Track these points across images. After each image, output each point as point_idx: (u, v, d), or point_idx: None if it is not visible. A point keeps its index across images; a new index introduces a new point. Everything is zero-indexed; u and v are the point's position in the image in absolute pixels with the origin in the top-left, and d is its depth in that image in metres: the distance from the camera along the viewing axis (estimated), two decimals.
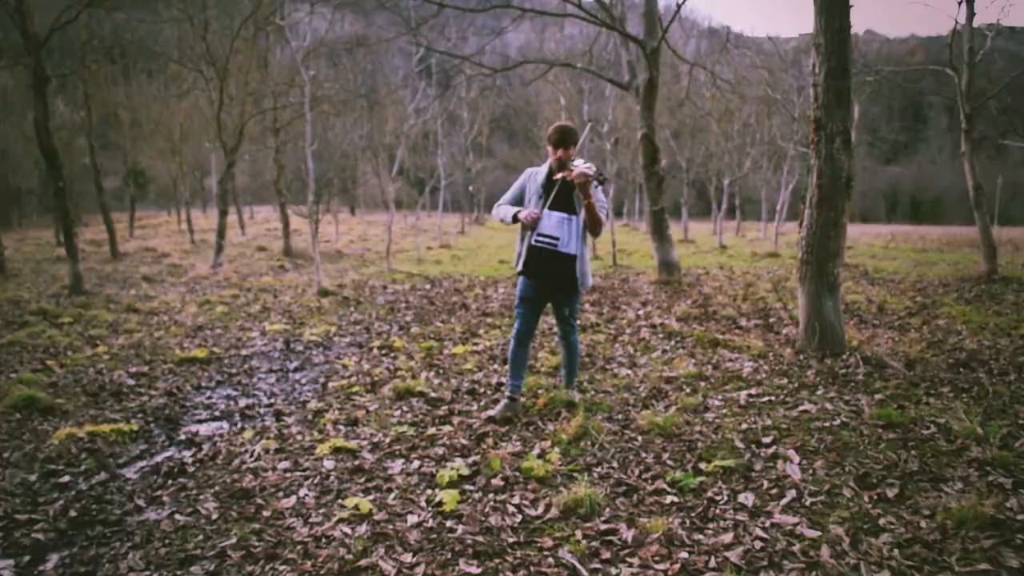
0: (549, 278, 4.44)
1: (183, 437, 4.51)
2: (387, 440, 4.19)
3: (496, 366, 6.01)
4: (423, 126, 29.19)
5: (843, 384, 4.96)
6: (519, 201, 4.57)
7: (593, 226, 4.33)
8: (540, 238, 4.34)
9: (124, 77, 26.48)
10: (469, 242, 24.99)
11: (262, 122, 20.00)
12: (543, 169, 4.49)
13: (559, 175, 4.25)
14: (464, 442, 4.09)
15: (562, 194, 4.31)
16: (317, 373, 6.09)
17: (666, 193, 10.51)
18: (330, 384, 5.64)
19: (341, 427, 4.49)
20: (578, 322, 5.08)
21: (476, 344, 6.90)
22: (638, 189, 38.88)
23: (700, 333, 6.95)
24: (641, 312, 8.44)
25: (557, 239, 4.33)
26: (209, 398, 5.43)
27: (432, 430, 4.33)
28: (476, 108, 32.08)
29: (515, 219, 4.40)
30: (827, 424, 4.14)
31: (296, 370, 6.24)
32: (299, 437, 4.33)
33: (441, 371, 5.91)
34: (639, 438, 4.08)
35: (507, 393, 4.64)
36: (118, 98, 25.88)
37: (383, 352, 6.72)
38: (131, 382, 5.81)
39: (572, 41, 23.44)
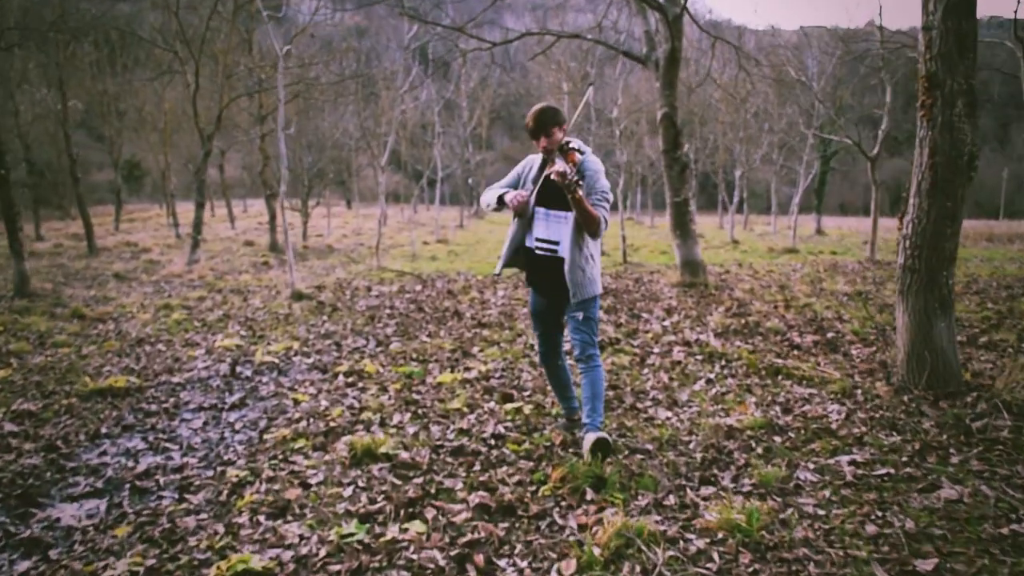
0: (557, 290, 3.58)
1: (29, 532, 2.98)
2: (322, 551, 2.66)
3: (492, 404, 4.47)
4: (421, 117, 27.59)
5: (986, 446, 3.41)
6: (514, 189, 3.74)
7: (586, 225, 3.39)
8: (539, 243, 3.58)
9: (110, 65, 24.87)
10: (468, 236, 23.42)
11: (247, 108, 18.41)
12: (537, 159, 3.65)
13: (548, 169, 3.37)
14: (439, 559, 2.56)
15: (556, 188, 3.39)
16: (259, 413, 4.55)
17: (689, 183, 8.96)
18: (269, 433, 4.10)
19: (261, 519, 2.96)
20: (598, 337, 3.63)
21: (468, 369, 5.35)
22: (640, 182, 37.25)
23: (750, 356, 5.41)
24: (668, 324, 6.89)
25: (557, 243, 3.52)
26: (103, 454, 3.90)
27: (393, 530, 2.79)
28: (476, 98, 30.41)
29: (500, 203, 3.59)
30: (1003, 531, 2.60)
31: (234, 407, 4.70)
32: (193, 540, 2.80)
33: (420, 413, 4.37)
34: (714, 554, 2.54)
35: (562, 415, 4.06)
36: (104, 86, 24.29)
37: (350, 381, 5.18)
38: (9, 428, 4.27)
39: (576, 26, 21.76)
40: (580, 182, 3.22)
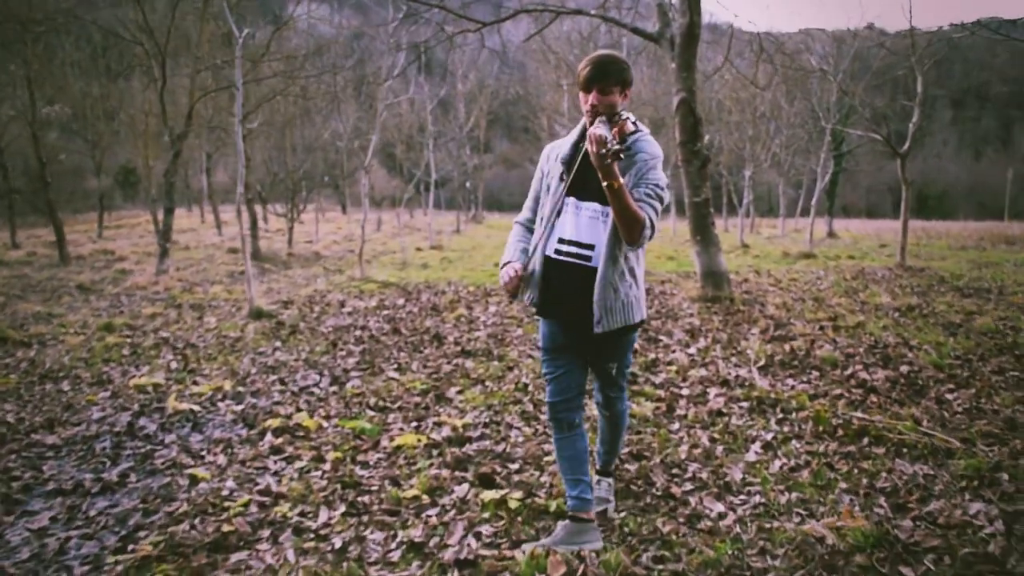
0: (581, 314, 2.46)
1: None
2: None
3: (464, 487, 3.07)
4: (417, 118, 26.19)
5: None
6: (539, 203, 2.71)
7: (626, 228, 2.33)
8: (563, 247, 2.48)
9: (94, 65, 23.58)
10: (464, 242, 22.03)
11: (228, 108, 17.05)
12: (570, 136, 2.63)
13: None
14: None
15: (594, 171, 2.31)
16: (136, 500, 3.15)
17: (708, 181, 7.54)
18: (129, 548, 2.70)
19: None
20: (627, 383, 2.37)
21: (439, 425, 3.94)
22: None
23: (815, 405, 3.99)
24: (695, 351, 5.48)
25: (591, 248, 2.44)
26: None
27: None
28: (473, 99, 29.01)
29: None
30: None
31: (108, 489, 3.30)
32: None
33: (358, 505, 2.97)
34: None
35: (567, 509, 2.62)
36: (87, 88, 23.01)
37: (278, 443, 3.77)
38: None
39: (578, 22, 20.36)
40: (621, 155, 2.15)
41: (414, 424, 3.98)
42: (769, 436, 3.57)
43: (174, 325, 7.80)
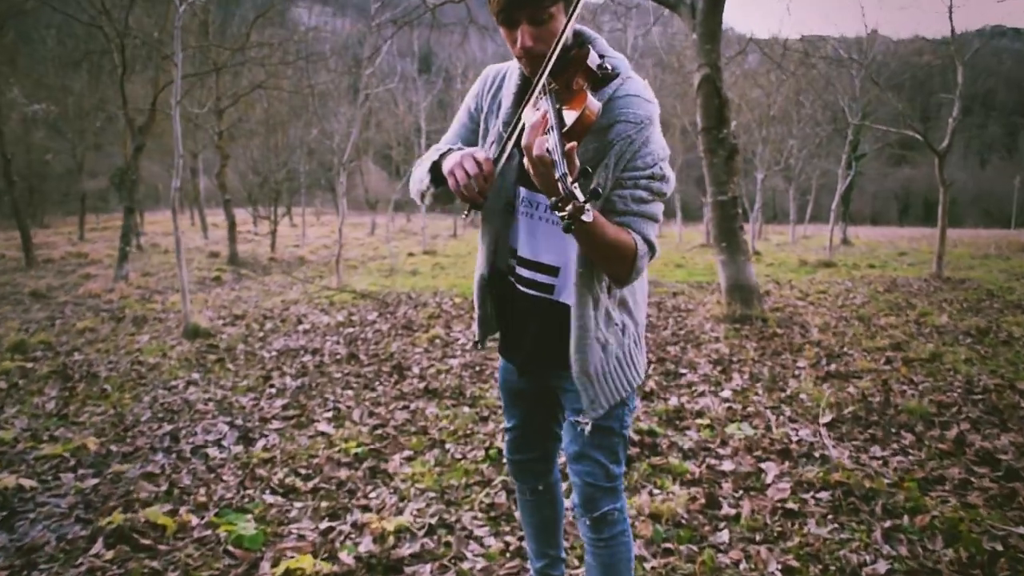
0: (551, 362, 1.52)
1: None
2: None
3: None
4: (415, 120, 24.89)
5: None
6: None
7: (610, 266, 1.36)
8: (517, 268, 1.51)
9: (75, 61, 22.34)
10: (460, 247, 20.63)
11: (200, 97, 15.71)
12: (510, 77, 1.50)
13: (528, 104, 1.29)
14: None
15: None
16: None
17: (739, 175, 6.12)
18: None
19: None
20: (623, 470, 0.94)
21: (359, 529, 2.53)
22: None
23: (934, 501, 2.59)
24: (730, 394, 4.07)
25: (554, 272, 1.46)
26: None
27: None
28: None
29: (436, 180, 1.46)
30: None
31: None
32: None
33: None
34: None
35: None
36: (66, 83, 21.76)
37: (105, 561, 2.37)
38: None
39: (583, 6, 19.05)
40: (584, 214, 1.00)
41: (324, 523, 2.58)
42: (883, 569, 2.16)
43: (97, 344, 6.43)
